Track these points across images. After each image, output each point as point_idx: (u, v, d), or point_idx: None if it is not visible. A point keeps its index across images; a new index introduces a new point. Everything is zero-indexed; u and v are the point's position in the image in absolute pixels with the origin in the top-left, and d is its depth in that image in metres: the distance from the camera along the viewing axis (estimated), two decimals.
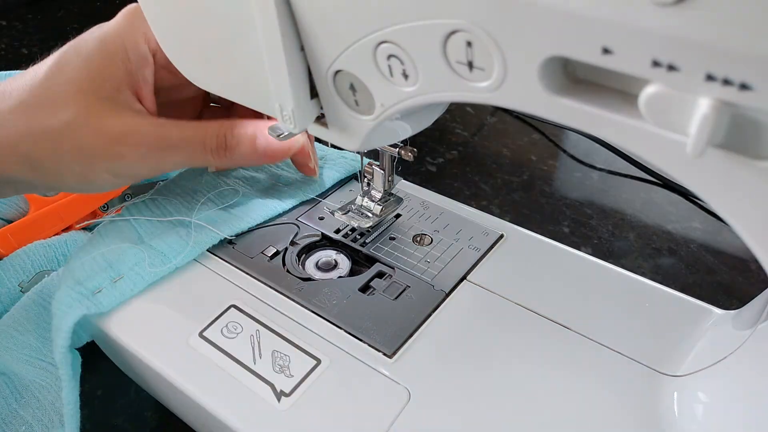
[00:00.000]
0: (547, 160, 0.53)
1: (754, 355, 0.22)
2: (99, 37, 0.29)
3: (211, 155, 0.31)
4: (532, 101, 0.17)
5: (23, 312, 0.33)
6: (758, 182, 0.15)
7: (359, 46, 0.20)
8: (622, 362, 0.26)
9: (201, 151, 0.30)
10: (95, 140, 0.28)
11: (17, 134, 0.28)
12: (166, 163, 0.30)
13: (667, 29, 0.13)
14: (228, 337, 0.27)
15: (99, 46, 0.29)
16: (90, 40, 0.29)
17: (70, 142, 0.28)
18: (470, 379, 0.25)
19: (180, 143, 0.30)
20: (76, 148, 0.28)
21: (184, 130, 0.30)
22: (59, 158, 0.29)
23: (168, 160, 0.30)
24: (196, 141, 0.30)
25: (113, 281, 0.29)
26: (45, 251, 0.37)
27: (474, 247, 0.32)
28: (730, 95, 0.13)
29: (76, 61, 0.28)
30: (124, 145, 0.29)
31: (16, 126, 0.28)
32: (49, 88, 0.28)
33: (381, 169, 0.32)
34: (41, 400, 0.29)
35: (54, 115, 0.28)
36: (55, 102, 0.28)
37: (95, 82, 0.28)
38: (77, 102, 0.28)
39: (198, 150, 0.30)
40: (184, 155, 0.30)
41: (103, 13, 0.76)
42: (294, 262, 0.31)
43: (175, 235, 0.31)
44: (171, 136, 0.30)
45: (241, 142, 0.31)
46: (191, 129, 0.30)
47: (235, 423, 0.24)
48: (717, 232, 0.45)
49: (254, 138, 0.31)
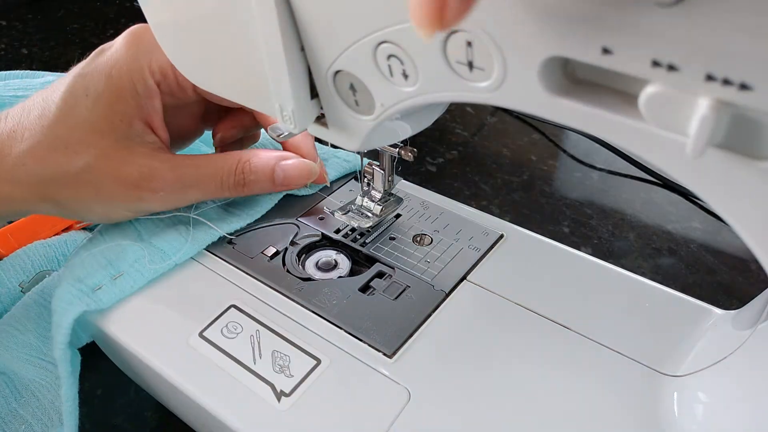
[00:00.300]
0: (547, 160, 0.53)
1: (754, 355, 0.22)
2: (105, 73, 0.29)
3: (228, 192, 0.32)
4: (532, 101, 0.17)
5: (24, 311, 0.33)
6: (758, 182, 0.15)
7: (359, 46, 0.20)
8: (622, 362, 0.26)
9: (219, 188, 0.31)
10: (114, 186, 0.29)
11: (37, 179, 0.28)
12: (183, 201, 0.31)
13: (667, 29, 0.13)
14: (228, 337, 0.27)
15: (106, 83, 0.29)
16: (96, 76, 0.29)
17: (89, 187, 0.29)
18: (470, 379, 0.25)
19: (197, 183, 0.31)
20: (96, 192, 0.29)
21: (201, 168, 0.31)
22: (80, 200, 0.29)
23: (185, 198, 0.31)
24: (213, 180, 0.31)
25: (113, 278, 0.29)
26: (45, 251, 0.37)
27: (474, 247, 0.32)
28: (730, 95, 0.13)
29: (86, 102, 0.29)
30: (142, 190, 0.29)
31: (35, 170, 0.28)
32: (62, 130, 0.28)
33: (381, 169, 0.32)
34: (41, 400, 0.29)
35: (71, 160, 0.28)
36: (70, 146, 0.28)
37: (108, 120, 0.29)
38: (94, 145, 0.28)
39: (216, 188, 0.31)
40: (202, 193, 0.31)
41: (103, 13, 0.77)
42: (294, 262, 0.31)
43: (175, 232, 0.31)
44: (188, 176, 0.30)
45: (259, 178, 0.32)
46: (208, 167, 0.31)
47: (235, 423, 0.24)
48: (717, 232, 0.45)
49: (272, 173, 0.32)
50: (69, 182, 0.29)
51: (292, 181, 0.33)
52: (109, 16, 0.76)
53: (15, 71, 0.48)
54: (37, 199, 0.29)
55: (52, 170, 0.28)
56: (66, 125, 0.28)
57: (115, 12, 0.77)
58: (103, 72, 0.29)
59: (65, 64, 0.66)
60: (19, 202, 0.29)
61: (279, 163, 0.33)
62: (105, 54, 0.30)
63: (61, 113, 0.28)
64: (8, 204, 0.29)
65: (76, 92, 0.29)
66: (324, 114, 0.24)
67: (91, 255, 0.30)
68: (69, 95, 0.29)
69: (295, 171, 0.33)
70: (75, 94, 0.29)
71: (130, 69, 0.29)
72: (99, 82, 0.29)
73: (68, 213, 0.31)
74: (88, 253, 0.30)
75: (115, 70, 0.29)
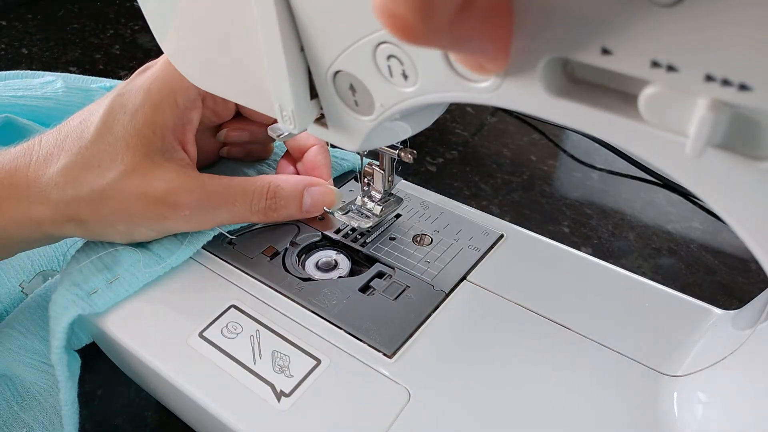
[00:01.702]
0: (547, 160, 0.53)
1: (754, 355, 0.22)
2: (144, 87, 0.29)
3: (256, 216, 0.31)
4: (532, 101, 0.17)
5: (27, 314, 0.33)
6: (758, 182, 0.15)
7: (359, 47, 0.20)
8: (622, 362, 0.26)
9: (248, 211, 0.31)
10: (138, 204, 0.29)
11: (66, 197, 0.28)
12: (208, 222, 0.31)
13: (667, 29, 0.13)
14: (228, 337, 0.27)
15: (144, 97, 0.29)
16: (135, 92, 0.29)
17: (113, 204, 0.28)
18: (470, 379, 0.25)
19: (225, 203, 0.30)
20: (119, 210, 0.29)
21: (230, 189, 0.30)
22: (104, 219, 0.29)
23: (211, 219, 0.30)
24: (243, 202, 0.30)
25: (109, 282, 0.29)
26: (45, 251, 0.37)
27: (474, 247, 0.32)
28: (730, 96, 0.13)
29: (123, 118, 0.29)
30: (167, 208, 0.29)
31: (66, 190, 0.28)
32: (97, 149, 0.28)
33: (381, 169, 0.32)
34: (42, 403, 0.29)
35: (100, 177, 0.28)
36: (103, 161, 0.28)
37: (141, 135, 0.29)
38: (123, 161, 0.28)
39: (245, 210, 0.31)
40: (230, 215, 0.31)
41: (103, 13, 0.77)
42: (294, 262, 0.31)
43: (171, 236, 0.31)
44: (216, 196, 0.30)
45: (288, 204, 0.31)
46: (236, 189, 0.30)
47: (235, 423, 0.24)
48: (717, 232, 0.45)
49: (301, 198, 0.32)
50: (95, 200, 0.28)
51: (318, 208, 0.33)
52: (109, 16, 0.76)
53: (15, 71, 0.48)
54: (64, 220, 0.29)
55: (82, 188, 0.28)
56: (102, 144, 0.28)
57: (115, 12, 0.77)
58: (142, 87, 0.29)
59: (65, 64, 0.66)
60: (49, 223, 0.29)
61: (307, 188, 0.32)
62: (146, 72, 0.30)
63: (98, 133, 0.28)
64: (38, 227, 0.29)
65: (114, 111, 0.29)
66: (324, 114, 0.24)
67: (89, 261, 0.30)
68: (108, 114, 0.29)
69: (321, 197, 0.32)
70: (113, 113, 0.29)
71: (172, 80, 0.29)
72: (137, 97, 0.29)
73: (92, 234, 0.30)
74: (85, 259, 0.30)
75: (155, 84, 0.29)
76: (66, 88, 0.44)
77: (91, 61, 0.67)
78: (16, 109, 0.42)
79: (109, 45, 0.70)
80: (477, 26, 0.14)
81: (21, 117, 0.41)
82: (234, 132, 0.36)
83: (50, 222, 0.29)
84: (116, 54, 0.69)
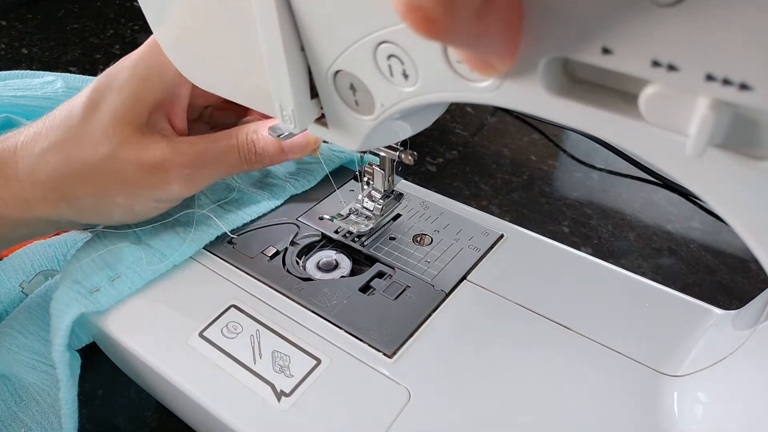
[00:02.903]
0: (547, 160, 0.53)
1: (754, 355, 0.22)
2: (130, 65, 0.29)
3: (246, 165, 0.31)
4: (532, 101, 0.17)
5: (27, 314, 0.33)
6: (758, 182, 0.15)
7: (359, 46, 0.20)
8: (622, 362, 0.26)
9: (237, 160, 0.31)
10: (137, 172, 0.29)
11: (56, 174, 0.28)
12: (205, 179, 0.31)
13: (667, 29, 0.13)
14: (228, 337, 0.27)
15: (131, 73, 0.29)
16: (121, 69, 0.29)
17: (111, 176, 0.28)
18: (470, 379, 0.25)
19: (217, 156, 0.30)
20: (119, 180, 0.29)
21: (218, 141, 0.31)
22: (101, 193, 0.29)
23: (207, 176, 0.31)
24: (231, 150, 0.31)
25: (111, 280, 0.29)
26: (45, 251, 0.37)
27: (474, 247, 0.32)
28: (730, 95, 0.13)
29: (111, 95, 0.29)
30: (167, 171, 0.29)
31: (55, 166, 0.28)
32: (86, 124, 0.28)
33: (381, 169, 0.32)
34: (41, 403, 0.29)
35: (93, 150, 0.28)
36: (93, 137, 0.28)
37: (129, 108, 0.29)
38: (115, 134, 0.28)
39: (234, 159, 0.31)
40: (222, 168, 0.31)
41: (103, 13, 0.77)
42: (294, 262, 0.31)
43: (173, 233, 0.31)
44: (209, 151, 0.30)
45: (269, 146, 0.31)
46: (223, 140, 0.31)
47: (235, 423, 0.24)
48: (717, 232, 0.45)
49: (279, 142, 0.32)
50: (91, 175, 0.28)
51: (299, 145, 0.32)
52: (109, 16, 0.76)
53: (15, 71, 0.48)
54: (56, 198, 0.29)
55: (75, 165, 0.28)
56: (91, 121, 0.28)
57: (115, 12, 0.77)
58: (129, 66, 0.29)
59: (65, 64, 0.66)
60: (40, 203, 0.29)
61: None
62: (131, 55, 0.30)
63: (86, 111, 0.28)
64: (28, 208, 0.29)
65: (100, 90, 0.29)
66: (324, 114, 0.24)
67: (90, 259, 0.30)
68: (94, 93, 0.29)
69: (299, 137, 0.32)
70: (100, 92, 0.29)
71: (160, 56, 0.29)
72: (123, 75, 0.29)
73: (87, 212, 0.30)
74: (87, 258, 0.30)
75: (143, 60, 0.29)
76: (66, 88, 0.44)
77: (91, 61, 0.67)
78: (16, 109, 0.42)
79: (109, 45, 0.70)
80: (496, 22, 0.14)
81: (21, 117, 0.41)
82: (218, 111, 0.36)
83: (41, 201, 0.29)
84: (116, 54, 0.69)
